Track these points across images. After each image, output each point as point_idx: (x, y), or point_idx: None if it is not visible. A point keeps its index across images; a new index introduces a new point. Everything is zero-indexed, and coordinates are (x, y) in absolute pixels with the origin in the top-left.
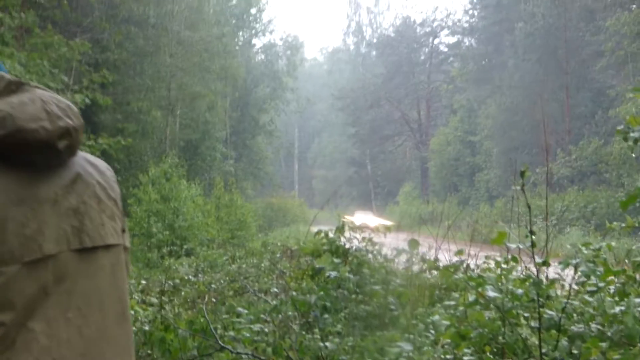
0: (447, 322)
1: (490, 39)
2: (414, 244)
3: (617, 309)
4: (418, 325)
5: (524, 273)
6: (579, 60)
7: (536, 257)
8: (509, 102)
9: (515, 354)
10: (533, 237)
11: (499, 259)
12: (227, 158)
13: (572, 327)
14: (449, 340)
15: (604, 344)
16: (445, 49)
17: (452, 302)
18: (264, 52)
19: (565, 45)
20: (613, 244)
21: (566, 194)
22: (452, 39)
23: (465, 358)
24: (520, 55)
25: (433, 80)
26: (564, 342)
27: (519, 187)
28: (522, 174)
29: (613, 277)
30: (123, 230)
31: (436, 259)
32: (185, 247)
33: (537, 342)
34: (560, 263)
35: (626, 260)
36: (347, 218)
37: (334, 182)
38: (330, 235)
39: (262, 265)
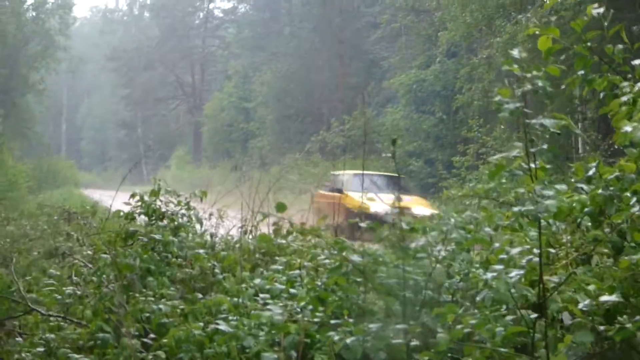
0: (282, 286)
1: (266, 6)
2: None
3: (489, 275)
4: (248, 290)
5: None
6: (353, 30)
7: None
8: (284, 69)
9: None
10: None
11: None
12: None
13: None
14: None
15: (460, 310)
16: (221, 14)
17: (280, 267)
18: (35, 10)
19: (340, 14)
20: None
21: (339, 162)
22: (228, 4)
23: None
24: (296, 24)
25: (208, 45)
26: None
27: (389, 154)
28: (394, 141)
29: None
30: None
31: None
32: None
33: (399, 308)
34: (433, 229)
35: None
36: (365, 202)
37: (103, 144)
38: (146, 198)
39: (45, 227)
